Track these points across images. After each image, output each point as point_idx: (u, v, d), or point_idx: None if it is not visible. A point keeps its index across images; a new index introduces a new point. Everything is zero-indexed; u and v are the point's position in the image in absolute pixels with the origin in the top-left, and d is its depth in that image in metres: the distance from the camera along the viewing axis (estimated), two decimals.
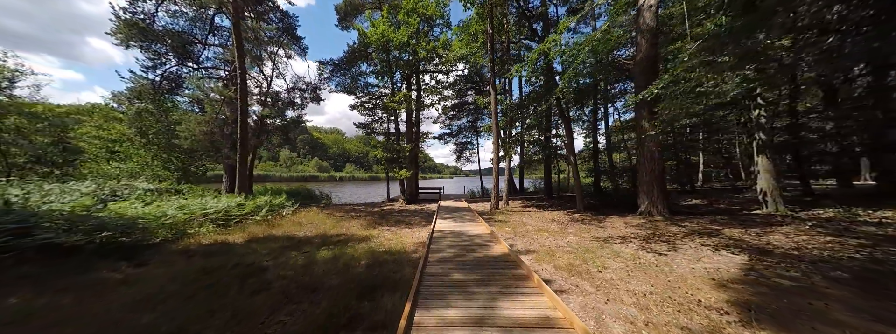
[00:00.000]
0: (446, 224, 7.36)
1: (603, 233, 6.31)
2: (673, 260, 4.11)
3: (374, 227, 7.74)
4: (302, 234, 6.84)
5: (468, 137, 21.57)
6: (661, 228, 6.31)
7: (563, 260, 4.32)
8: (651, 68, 7.51)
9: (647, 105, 7.46)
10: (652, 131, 7.25)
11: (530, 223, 8.00)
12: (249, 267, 4.31)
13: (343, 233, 7.03)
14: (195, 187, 10.32)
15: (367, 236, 6.55)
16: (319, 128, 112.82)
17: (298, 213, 9.37)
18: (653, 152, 7.39)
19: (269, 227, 7.24)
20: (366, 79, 17.49)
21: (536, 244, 5.50)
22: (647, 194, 7.49)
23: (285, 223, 7.83)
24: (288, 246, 5.70)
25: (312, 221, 8.37)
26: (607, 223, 7.35)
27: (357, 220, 8.75)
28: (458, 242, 5.11)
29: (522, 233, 6.55)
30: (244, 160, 8.94)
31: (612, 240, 5.52)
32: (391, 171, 14.41)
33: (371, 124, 17.39)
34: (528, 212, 10.12)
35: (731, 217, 7.22)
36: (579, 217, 8.64)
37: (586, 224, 7.46)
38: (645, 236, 5.70)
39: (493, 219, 8.66)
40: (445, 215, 9.09)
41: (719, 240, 5.07)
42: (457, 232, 6.11)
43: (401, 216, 9.94)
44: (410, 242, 5.86)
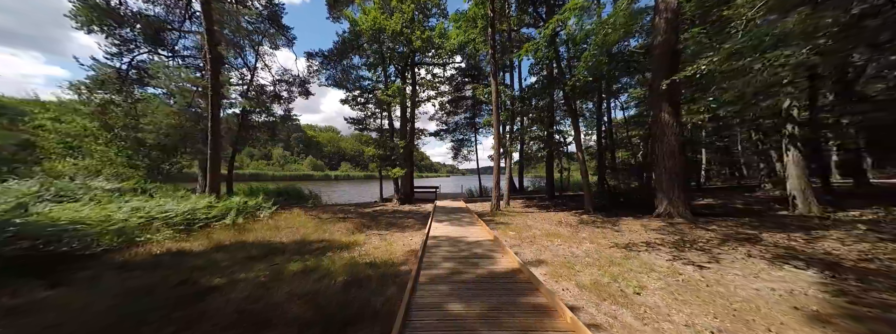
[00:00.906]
0: (443, 228, 6.51)
1: (621, 238, 5.52)
2: (724, 277, 3.31)
3: (362, 231, 6.88)
4: (277, 240, 5.95)
5: (466, 134, 20.72)
6: (687, 232, 5.54)
7: (586, 277, 3.51)
8: (670, 55, 6.73)
9: (668, 95, 6.68)
10: (674, 123, 6.46)
11: (536, 226, 7.19)
12: (194, 286, 3.43)
13: (325, 238, 6.16)
14: (165, 186, 9.32)
15: (352, 243, 5.69)
16: (314, 127, 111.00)
17: (278, 215, 8.46)
18: (673, 147, 6.62)
19: (239, 233, 6.32)
20: (358, 72, 16.53)
21: (548, 253, 4.68)
22: (665, 194, 6.72)
23: (260, 227, 6.92)
24: (255, 256, 4.81)
25: (292, 225, 7.47)
26: (622, 226, 6.57)
27: (343, 223, 7.86)
28: (456, 253, 4.26)
29: (529, 239, 5.73)
30: (216, 156, 7.98)
31: (636, 248, 4.73)
32: (384, 170, 13.52)
33: (364, 120, 16.43)
34: (531, 214, 9.33)
35: (758, 219, 6.49)
36: (589, 219, 7.86)
37: (599, 227, 6.68)
38: (673, 243, 4.92)
39: (494, 222, 7.84)
40: (442, 217, 8.25)
41: (766, 248, 4.30)
42: (455, 238, 5.26)
43: (393, 218, 9.08)
44: (400, 251, 5.01)
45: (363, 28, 12.75)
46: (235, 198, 8.08)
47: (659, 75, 6.84)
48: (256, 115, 15.44)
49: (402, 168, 13.26)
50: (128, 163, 9.22)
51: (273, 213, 8.39)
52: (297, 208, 10.18)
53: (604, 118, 15.19)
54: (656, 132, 6.93)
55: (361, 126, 16.13)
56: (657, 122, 6.89)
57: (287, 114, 15.92)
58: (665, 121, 6.70)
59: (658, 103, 6.84)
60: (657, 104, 6.87)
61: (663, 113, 6.73)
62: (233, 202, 7.50)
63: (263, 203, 8.33)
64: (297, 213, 9.12)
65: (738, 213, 7.53)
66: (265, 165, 65.95)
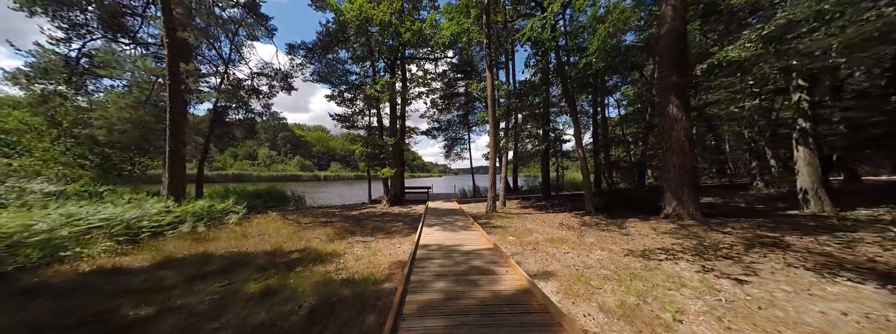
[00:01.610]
0: (435, 234, 5.83)
1: (633, 243, 4.97)
2: (773, 294, 2.77)
3: (344, 238, 6.12)
4: (243, 251, 5.13)
5: (458, 133, 20.07)
6: (703, 236, 5.05)
7: (608, 296, 2.90)
8: (677, 45, 6.25)
9: (676, 88, 6.20)
10: (683, 117, 5.99)
11: (537, 229, 6.60)
12: (110, 320, 2.63)
13: (300, 248, 5.38)
14: (120, 189, 8.27)
15: (330, 253, 4.93)
16: (303, 126, 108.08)
17: (251, 221, 7.58)
18: (682, 144, 6.15)
19: (198, 243, 5.46)
20: (344, 66, 15.61)
21: (556, 263, 4.07)
22: (675, 193, 6.24)
23: (226, 235, 6.06)
24: (208, 272, 4.01)
25: (265, 231, 6.63)
26: (630, 229, 6.05)
27: (324, 229, 7.07)
28: (450, 267, 3.57)
29: (531, 245, 5.12)
30: (176, 154, 7.04)
31: (654, 256, 4.18)
32: (373, 169, 12.72)
33: (351, 117, 15.52)
34: (529, 215, 8.75)
35: (772, 219, 6.10)
36: (592, 220, 7.34)
37: (604, 230, 6.14)
38: (693, 249, 4.39)
39: (490, 225, 7.21)
40: (434, 221, 7.56)
41: (801, 255, 3.81)
42: (448, 247, 4.58)
43: (381, 221, 8.33)
44: (385, 262, 4.31)
45: (348, 17, 11.92)
46: (200, 201, 7.15)
47: (666, 66, 6.36)
48: (234, 111, 14.39)
49: (392, 167, 12.50)
50: (75, 163, 8.10)
51: (244, 219, 7.50)
52: (275, 212, 9.27)
53: (598, 116, 14.88)
54: (663, 127, 6.45)
55: (349, 123, 15.23)
56: (664, 117, 6.41)
57: (267, 110, 14.85)
58: (673, 116, 6.22)
59: (665, 96, 6.37)
60: (664, 97, 6.39)
61: (671, 106, 6.25)
62: (195, 206, 6.59)
63: (233, 207, 7.42)
64: (273, 218, 8.25)
65: (744, 213, 7.16)
66: (250, 165, 63.49)
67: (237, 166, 61.28)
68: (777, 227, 5.36)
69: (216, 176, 51.45)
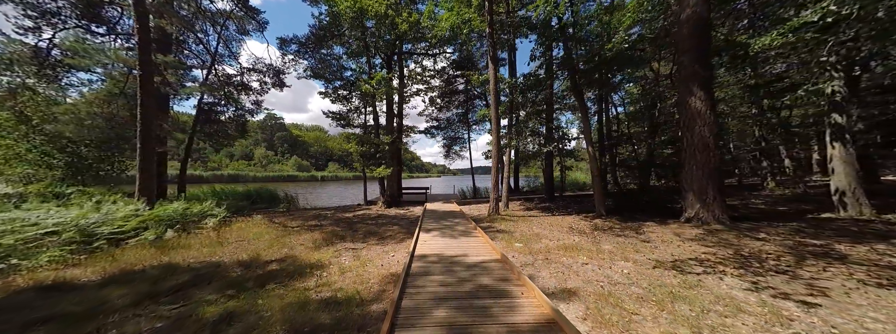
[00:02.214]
0: (434, 241, 5.21)
1: (658, 252, 4.38)
2: (863, 325, 2.17)
3: (333, 245, 5.50)
4: (213, 262, 4.50)
5: (458, 132, 19.46)
6: (737, 244, 4.47)
7: (651, 327, 2.29)
8: (700, 31, 5.67)
9: (699, 78, 5.63)
10: (708, 111, 5.41)
11: (545, 234, 6.00)
12: None
13: (280, 256, 4.75)
14: (93, 190, 7.59)
15: (314, 263, 4.32)
16: (300, 126, 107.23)
17: (232, 225, 6.93)
18: (707, 140, 5.57)
19: (163, 251, 4.82)
20: (339, 61, 14.97)
21: (575, 277, 3.47)
22: (698, 195, 5.66)
23: (199, 242, 5.41)
24: (164, 289, 3.38)
25: (245, 237, 6.00)
26: (649, 234, 5.47)
27: (312, 233, 6.45)
28: (453, 287, 2.91)
29: (542, 254, 4.52)
30: (147, 152, 6.39)
31: (688, 268, 3.59)
32: (368, 169, 12.09)
33: (346, 114, 14.88)
34: (534, 218, 8.16)
35: (807, 223, 5.52)
36: (604, 224, 6.75)
37: (620, 235, 5.55)
38: (732, 260, 3.80)
39: (494, 229, 6.61)
40: (432, 224, 6.95)
41: (869, 270, 3.22)
42: (449, 259, 3.96)
43: (375, 225, 7.71)
44: (376, 276, 3.69)
45: (341, 8, 11.29)
46: (174, 204, 6.50)
47: (687, 56, 5.78)
48: (223, 108, 13.73)
49: (389, 167, 11.88)
50: (42, 162, 7.43)
51: (224, 222, 6.85)
52: (260, 215, 8.62)
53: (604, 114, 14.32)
54: (684, 122, 5.87)
55: (344, 122, 14.57)
56: (685, 111, 5.83)
57: (258, 107, 14.19)
58: (695, 109, 5.64)
59: (686, 88, 5.78)
60: (685, 89, 5.81)
61: (693, 99, 5.67)
62: (167, 209, 5.94)
63: (211, 209, 6.77)
64: (258, 222, 7.60)
65: (770, 217, 6.59)
66: (246, 166, 62.62)
67: (233, 166, 60.40)
68: (818, 233, 4.78)
69: (211, 176, 50.62)
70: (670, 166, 7.94)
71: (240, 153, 66.57)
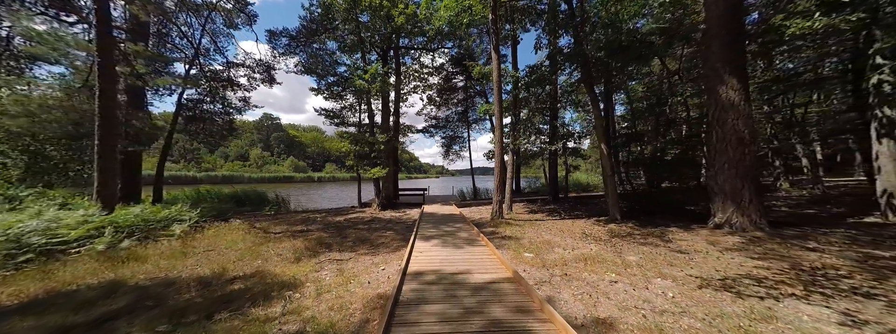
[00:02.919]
0: (432, 251, 4.50)
1: (697, 266, 3.70)
2: None
3: (316, 255, 4.79)
4: (168, 278, 3.78)
5: (457, 131, 18.76)
6: (789, 255, 3.80)
7: None
8: (732, 13, 5.03)
9: (731, 65, 4.98)
10: (742, 102, 4.76)
11: (557, 242, 5.31)
12: None
13: (250, 271, 4.04)
14: (53, 192, 6.83)
15: (288, 281, 3.61)
16: (297, 126, 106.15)
17: (205, 231, 6.18)
18: (741, 134, 4.91)
19: (112, 265, 4.09)
20: (332, 57, 14.27)
21: (606, 301, 2.78)
22: (731, 197, 4.99)
23: (160, 252, 4.68)
24: (90, 320, 2.66)
25: (216, 246, 5.26)
26: (678, 242, 4.79)
27: (294, 241, 5.72)
28: (456, 324, 2.07)
29: (558, 267, 3.84)
30: (108, 148, 5.65)
31: (744, 288, 2.91)
32: (361, 169, 11.37)
33: (340, 112, 14.14)
34: (542, 222, 7.47)
35: (855, 230, 4.87)
36: (620, 229, 6.07)
37: (643, 243, 4.87)
38: (793, 276, 3.13)
39: (499, 235, 5.91)
40: (430, 230, 6.24)
41: None
42: (450, 277, 3.24)
43: (367, 230, 6.99)
44: (359, 299, 2.99)
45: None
46: (136, 208, 5.75)
47: (716, 40, 5.13)
48: (209, 105, 12.98)
49: (384, 167, 11.17)
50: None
51: (196, 228, 6.10)
52: (241, 219, 7.87)
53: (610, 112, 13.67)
54: (714, 114, 5.21)
55: (338, 120, 13.83)
56: (715, 101, 5.17)
57: (246, 105, 13.45)
58: (727, 100, 4.99)
59: (717, 75, 5.12)
60: (715, 77, 5.15)
61: (725, 88, 5.01)
62: (126, 214, 5.20)
63: (180, 213, 6.03)
64: (236, 227, 6.85)
65: (804, 221, 5.94)
66: (241, 166, 61.60)
67: (228, 167, 59.38)
68: (877, 242, 4.13)
69: (205, 177, 49.61)
70: (695, 164, 7.28)
71: (235, 154, 65.57)
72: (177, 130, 12.78)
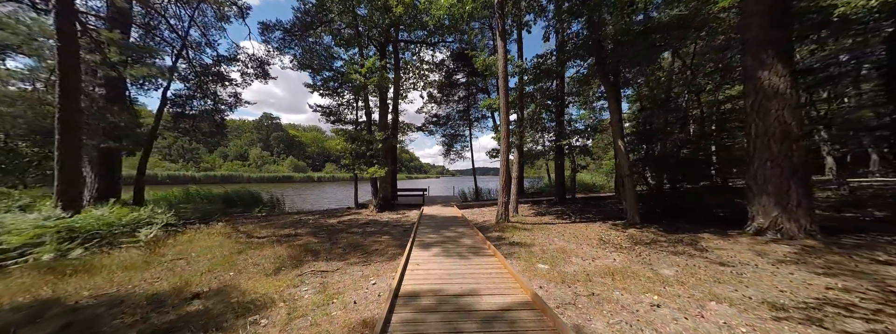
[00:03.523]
0: (430, 263, 3.87)
1: (752, 283, 3.06)
2: None
3: (299, 265, 4.18)
4: (116, 295, 3.18)
5: (458, 129, 18.12)
6: (859, 270, 3.16)
7: None
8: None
9: (775, 47, 4.34)
10: (788, 89, 4.11)
11: (573, 250, 4.68)
12: None
13: (216, 286, 3.43)
14: (16, 192, 6.24)
15: (257, 300, 3.00)
16: (297, 126, 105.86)
17: (180, 236, 5.56)
18: (787, 126, 4.27)
19: (54, 277, 3.49)
20: (329, 51, 13.66)
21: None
22: (775, 198, 4.35)
23: (119, 262, 4.07)
24: None
25: (187, 253, 4.65)
26: (716, 251, 4.15)
27: (278, 247, 5.11)
28: None
29: (581, 283, 3.21)
30: (70, 144, 5.05)
31: (836, 319, 2.26)
32: (358, 169, 10.77)
33: (337, 109, 13.52)
34: (551, 226, 6.83)
35: None
36: (641, 234, 5.43)
37: (675, 252, 4.24)
38: (888, 300, 2.48)
39: (506, 241, 5.28)
40: (430, 236, 5.61)
41: None
42: (453, 300, 2.58)
43: (361, 234, 6.37)
44: (340, 327, 2.37)
45: None
46: (97, 210, 5.14)
47: (760, 17, 4.49)
48: (198, 101, 12.40)
49: (382, 166, 10.56)
50: None
51: (170, 233, 5.48)
52: (223, 222, 7.25)
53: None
54: (754, 104, 4.56)
55: (335, 117, 13.21)
56: (756, 89, 4.52)
57: (237, 101, 12.85)
58: (771, 87, 4.34)
59: (758, 59, 4.48)
60: (757, 61, 4.51)
61: (768, 73, 4.37)
62: (87, 217, 4.59)
63: (155, 216, 5.41)
64: (217, 231, 6.23)
65: (850, 226, 5.28)
66: (241, 166, 61.15)
67: (227, 167, 58.94)
68: None
69: (203, 177, 49.16)
70: (731, 161, 6.63)
71: (234, 153, 65.17)
72: (166, 128, 12.26)
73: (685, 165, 7.06)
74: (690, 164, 7.06)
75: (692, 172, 7.00)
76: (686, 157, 7.29)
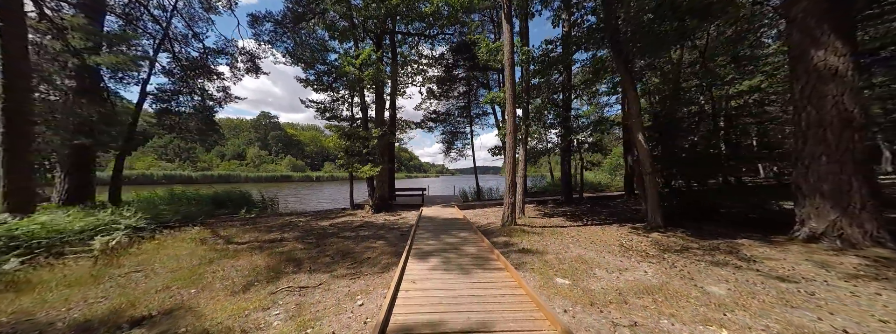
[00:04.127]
0: (428, 278, 3.25)
1: (833, 307, 2.44)
2: None
3: (274, 279, 3.56)
4: (41, 320, 2.57)
5: (458, 126, 17.45)
6: None
7: None
8: None
9: (833, 21, 3.69)
10: (848, 71, 3.48)
11: (593, 259, 4.06)
12: None
13: (166, 308, 2.82)
14: None
15: (212, 329, 2.36)
16: (296, 125, 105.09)
17: (145, 243, 4.93)
18: (847, 115, 3.64)
19: None
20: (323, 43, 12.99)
21: None
22: (832, 199, 3.72)
23: (60, 276, 3.45)
24: None
25: (149, 264, 4.03)
26: (767, 261, 3.53)
27: (256, 256, 4.49)
28: None
29: (616, 306, 2.59)
30: (17, 138, 4.41)
31: None
32: (351, 167, 10.14)
33: (331, 105, 12.86)
34: (563, 229, 6.20)
35: None
36: (669, 241, 4.81)
37: (715, 262, 3.62)
38: None
39: (515, 248, 4.65)
40: (429, 242, 4.98)
41: None
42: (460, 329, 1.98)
43: (353, 239, 5.74)
44: None
45: None
46: (45, 215, 4.49)
47: None
48: (185, 96, 11.75)
49: (378, 164, 9.94)
50: None
51: (134, 240, 4.84)
52: (201, 226, 6.61)
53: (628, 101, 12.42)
54: (805, 90, 3.92)
55: (330, 113, 12.53)
56: (807, 71, 3.89)
57: (227, 96, 12.20)
58: (827, 68, 3.71)
59: (810, 35, 3.84)
60: (808, 37, 3.87)
61: (821, 52, 3.73)
62: (32, 222, 3.95)
63: (119, 220, 4.77)
64: (193, 236, 5.60)
65: None
66: (238, 166, 60.46)
67: (224, 166, 58.24)
68: None
69: (200, 176, 48.45)
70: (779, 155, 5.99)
71: (232, 153, 64.50)
72: (150, 125, 11.62)
73: (707, 162, 6.43)
74: (713, 161, 6.42)
75: (713, 169, 6.38)
76: (706, 154, 6.66)
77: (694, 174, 6.23)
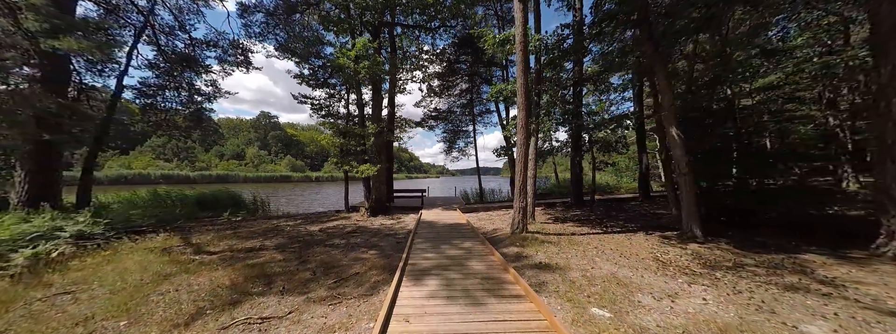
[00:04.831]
0: (424, 313, 2.50)
1: None
2: None
3: (233, 306, 2.84)
4: None
5: (459, 125, 16.70)
6: None
7: None
8: None
9: None
10: None
11: (631, 279, 3.30)
12: None
13: None
14: None
15: None
16: (296, 125, 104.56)
17: (95, 254, 4.19)
18: None
19: None
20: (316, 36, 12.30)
21: None
22: None
23: None
24: None
25: (86, 282, 3.30)
26: (859, 285, 2.78)
27: (221, 272, 3.75)
28: None
29: None
30: None
31: None
32: (346, 165, 9.43)
33: (328, 101, 12.13)
34: (581, 237, 5.43)
35: None
36: (713, 254, 4.04)
37: (786, 286, 2.87)
38: None
39: (531, 263, 3.89)
40: (427, 255, 4.23)
41: None
42: None
43: (343, 248, 4.99)
44: None
45: None
46: None
47: None
48: (172, 91, 11.06)
49: (375, 164, 9.21)
50: None
51: (79, 250, 4.09)
52: (170, 233, 5.87)
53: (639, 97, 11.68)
54: (888, 76, 3.16)
55: (325, 111, 11.80)
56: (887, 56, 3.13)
57: (216, 90, 11.49)
58: None
59: None
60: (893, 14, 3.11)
61: None
62: None
63: (61, 227, 4.04)
64: (156, 244, 4.86)
65: None
66: (237, 166, 59.85)
67: (223, 166, 57.64)
68: None
69: (198, 176, 47.80)
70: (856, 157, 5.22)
71: (231, 152, 63.95)
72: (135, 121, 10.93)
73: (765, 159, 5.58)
74: (770, 157, 5.58)
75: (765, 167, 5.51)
76: (767, 151, 5.83)
77: (756, 172, 5.37)
